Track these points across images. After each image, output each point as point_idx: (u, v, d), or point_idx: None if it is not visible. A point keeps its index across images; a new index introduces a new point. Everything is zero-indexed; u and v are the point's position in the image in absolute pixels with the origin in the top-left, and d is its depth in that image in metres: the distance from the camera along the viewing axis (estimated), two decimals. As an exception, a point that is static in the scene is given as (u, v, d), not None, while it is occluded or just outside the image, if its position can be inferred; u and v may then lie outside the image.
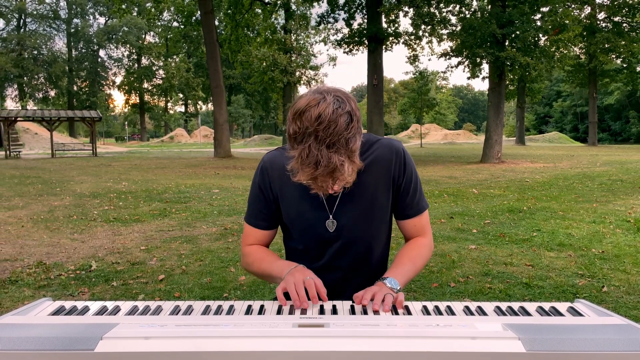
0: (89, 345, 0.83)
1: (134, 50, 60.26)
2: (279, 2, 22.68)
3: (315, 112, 1.06)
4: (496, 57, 16.19)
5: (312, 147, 1.06)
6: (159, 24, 47.33)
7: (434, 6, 19.06)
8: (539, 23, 16.63)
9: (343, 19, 23.60)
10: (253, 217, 1.44)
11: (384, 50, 22.06)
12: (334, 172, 1.07)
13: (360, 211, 1.35)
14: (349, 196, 1.33)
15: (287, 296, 1.17)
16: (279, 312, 1.10)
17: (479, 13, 17.36)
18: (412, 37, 21.54)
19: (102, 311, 1.08)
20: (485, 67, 18.35)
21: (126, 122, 68.21)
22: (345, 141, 1.07)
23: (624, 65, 35.46)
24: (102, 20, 66.40)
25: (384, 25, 21.85)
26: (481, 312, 1.08)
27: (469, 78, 18.98)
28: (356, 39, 22.37)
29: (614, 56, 33.44)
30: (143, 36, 60.63)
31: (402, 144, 1.40)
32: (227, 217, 6.68)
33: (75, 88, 59.19)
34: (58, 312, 1.06)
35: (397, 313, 1.10)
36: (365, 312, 1.10)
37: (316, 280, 1.18)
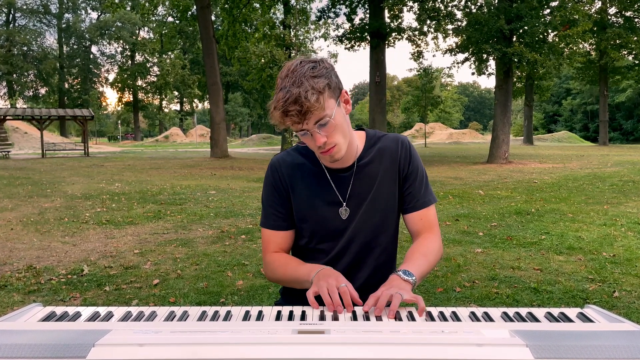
0: (80, 352, 0.83)
1: (127, 47, 60.29)
2: (277, -4, 22.74)
3: (286, 66, 1.26)
4: (503, 54, 16.20)
5: (282, 88, 1.21)
6: (154, 19, 47.26)
7: (439, 0, 19.08)
8: (548, 18, 16.63)
9: (344, 13, 23.63)
10: (270, 219, 1.48)
11: (386, 47, 22.08)
12: (299, 100, 1.19)
13: (368, 200, 1.43)
14: (358, 183, 1.43)
15: (318, 299, 1.20)
16: (278, 318, 1.10)
17: (485, 8, 17.37)
18: (416, 32, 21.56)
19: (94, 317, 1.08)
20: (492, 63, 18.37)
21: (119, 121, 68.27)
22: (312, 78, 1.21)
23: (636, 62, 35.46)
24: (94, 15, 66.64)
25: (387, 20, 21.87)
26: (488, 318, 1.08)
27: (472, 74, 18.96)
28: (358, 34, 22.39)
29: (625, 52, 33.44)
30: (137, 32, 60.67)
31: (408, 138, 1.51)
32: (224, 219, 6.68)
33: (66, 85, 59.23)
34: (48, 318, 1.06)
35: (400, 319, 1.10)
36: (367, 318, 1.10)
37: (349, 286, 1.21)
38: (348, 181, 1.42)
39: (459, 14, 18.96)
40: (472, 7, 18.45)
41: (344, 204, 1.43)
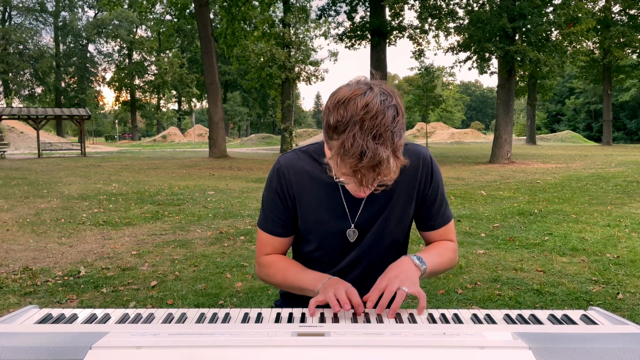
0: (77, 355, 0.82)
1: (124, 45, 60.30)
2: (277, -7, 22.76)
3: (362, 101, 1.05)
4: (505, 52, 16.21)
5: (357, 137, 1.03)
6: (151, 17, 47.35)
7: (440, -2, 19.12)
8: (551, 16, 16.64)
9: (345, 11, 23.68)
10: (269, 223, 1.41)
11: (387, 45, 22.10)
12: (378, 166, 1.04)
13: (380, 220, 1.36)
14: (371, 205, 1.34)
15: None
16: (277, 320, 1.10)
17: (487, 6, 17.38)
18: (418, 30, 21.59)
19: (91, 319, 1.07)
20: (494, 62, 18.39)
21: (116, 121, 68.24)
22: (392, 134, 1.04)
23: (640, 61, 35.48)
24: (91, 13, 66.57)
25: (388, 18, 21.89)
26: (490, 320, 1.08)
27: (470, 69, 19.02)
28: (358, 32, 22.43)
29: (629, 51, 33.47)
30: (134, 30, 60.68)
31: (429, 151, 1.40)
32: (223, 220, 6.68)
33: (63, 84, 59.27)
34: (45, 320, 1.06)
35: (401, 321, 1.10)
36: (368, 320, 1.10)
37: (356, 293, 1.19)
38: (361, 197, 1.33)
39: (460, 12, 18.99)
40: (474, 5, 18.47)
41: (353, 225, 1.36)
